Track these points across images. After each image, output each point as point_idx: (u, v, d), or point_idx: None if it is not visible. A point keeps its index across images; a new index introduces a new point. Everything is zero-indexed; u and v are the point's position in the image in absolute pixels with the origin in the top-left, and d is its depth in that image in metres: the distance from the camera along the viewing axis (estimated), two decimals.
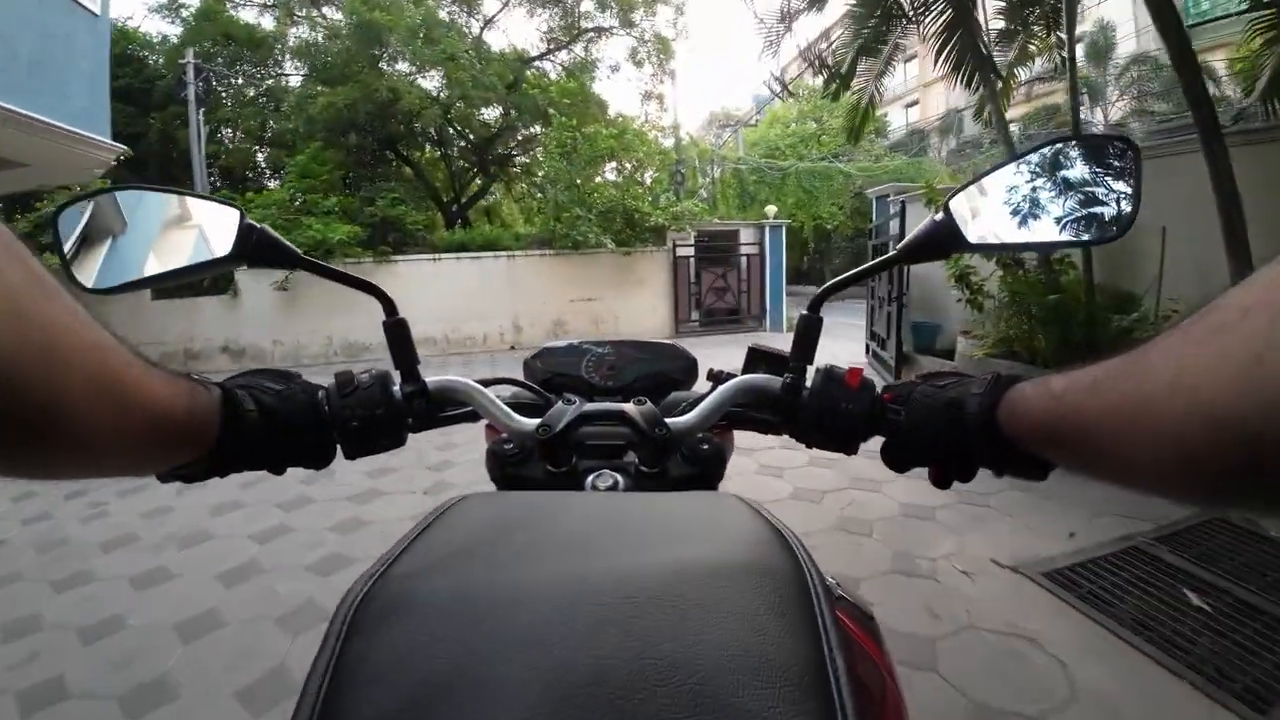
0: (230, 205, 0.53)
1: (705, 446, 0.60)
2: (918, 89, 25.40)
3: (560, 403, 0.60)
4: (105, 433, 0.32)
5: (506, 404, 0.61)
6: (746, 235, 11.48)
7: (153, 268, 0.51)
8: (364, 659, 0.29)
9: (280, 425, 0.49)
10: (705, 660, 0.28)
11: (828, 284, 0.57)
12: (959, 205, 0.52)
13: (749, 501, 0.44)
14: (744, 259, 11.15)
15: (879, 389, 0.54)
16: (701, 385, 0.67)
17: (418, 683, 0.28)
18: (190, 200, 0.53)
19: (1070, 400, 0.35)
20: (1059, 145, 0.52)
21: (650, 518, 0.43)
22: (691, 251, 10.83)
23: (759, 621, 0.30)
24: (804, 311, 0.58)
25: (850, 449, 0.55)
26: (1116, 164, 0.50)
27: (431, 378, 0.58)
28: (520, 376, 0.73)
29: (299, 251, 0.53)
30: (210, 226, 0.52)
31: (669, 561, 0.35)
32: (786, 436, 0.58)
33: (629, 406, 0.58)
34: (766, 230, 11.14)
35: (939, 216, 0.53)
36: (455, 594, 0.33)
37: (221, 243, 0.51)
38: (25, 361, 0.26)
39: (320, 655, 0.30)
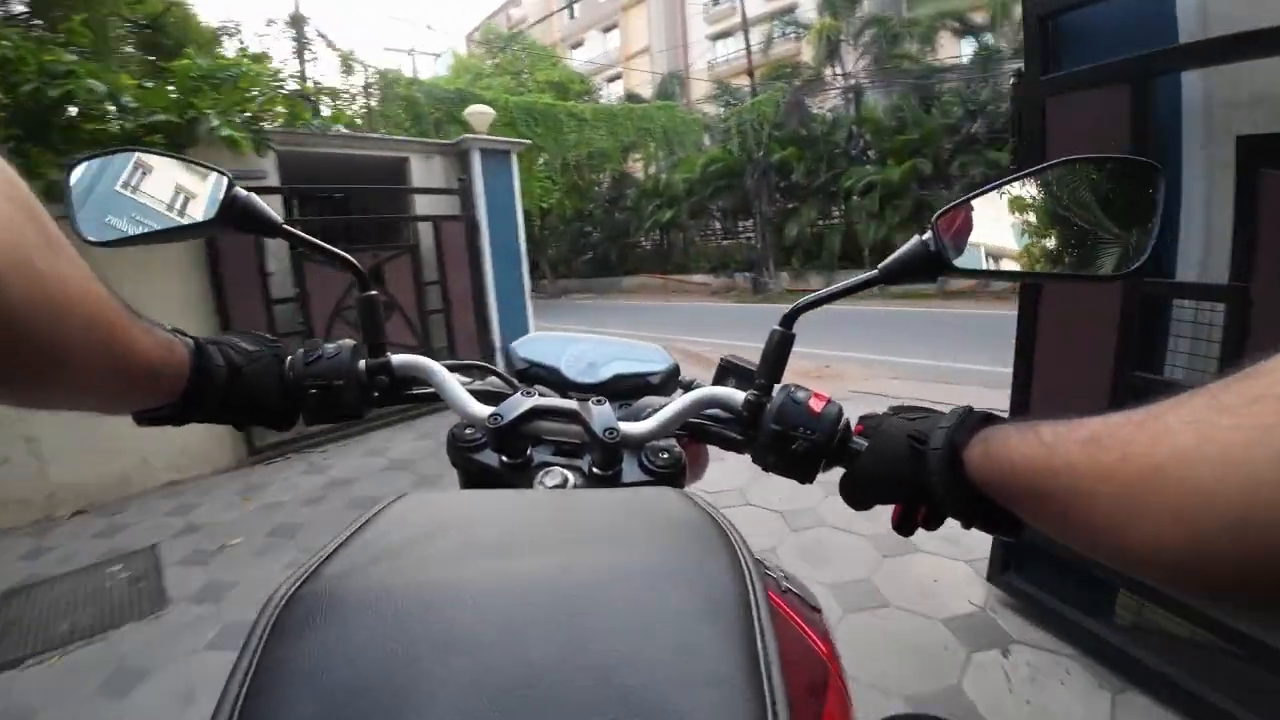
0: (219, 171, 0.54)
1: (665, 454, 0.58)
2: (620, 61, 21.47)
3: (520, 394, 0.59)
4: (94, 374, 0.36)
5: (474, 391, 0.62)
6: (425, 171, 5.39)
7: (143, 226, 0.52)
8: (284, 663, 0.29)
9: (245, 384, 0.52)
10: (638, 662, 0.28)
11: (805, 299, 0.54)
12: (947, 224, 0.49)
13: (693, 496, 0.43)
14: (426, 226, 4.97)
15: (847, 418, 0.53)
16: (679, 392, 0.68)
17: (338, 687, 0.28)
18: (185, 164, 0.55)
19: (1063, 452, 0.31)
20: (1068, 163, 0.47)
21: (590, 516, 0.42)
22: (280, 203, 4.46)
23: (693, 623, 0.30)
24: (776, 326, 0.55)
25: (805, 478, 0.53)
26: (1135, 188, 0.46)
27: (397, 356, 0.60)
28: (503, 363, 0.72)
29: (279, 221, 0.55)
30: (199, 191, 0.53)
31: (605, 561, 0.35)
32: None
33: (585, 406, 0.57)
34: (475, 160, 5.30)
35: (924, 237, 0.50)
36: (381, 594, 0.32)
37: (208, 207, 0.53)
38: (35, 311, 0.29)
39: (240, 659, 0.29)
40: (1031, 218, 0.48)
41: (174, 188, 0.54)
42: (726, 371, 0.64)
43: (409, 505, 0.44)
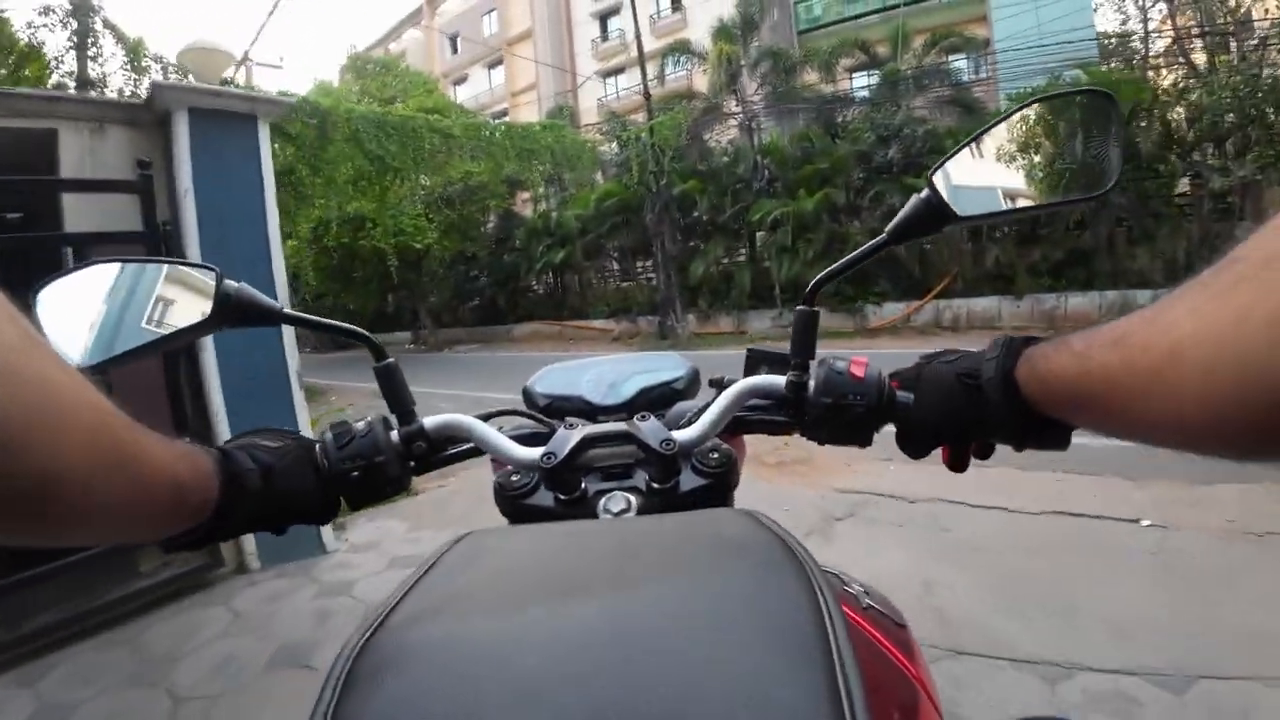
0: (205, 267, 0.53)
1: (715, 455, 0.58)
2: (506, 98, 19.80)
3: (562, 428, 0.58)
4: (108, 500, 0.32)
5: (509, 435, 0.62)
6: (90, 152, 2.80)
7: (136, 339, 0.51)
8: (357, 718, 0.29)
9: (279, 483, 0.49)
10: (710, 701, 0.27)
11: (824, 273, 0.56)
12: (942, 179, 0.52)
13: (760, 518, 0.43)
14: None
15: (885, 375, 0.54)
16: (704, 394, 0.67)
17: None
18: (167, 267, 0.53)
19: (1094, 356, 0.35)
20: (1033, 104, 0.52)
21: (652, 545, 0.42)
22: None
23: (766, 656, 0.29)
24: (800, 306, 0.57)
25: (864, 441, 0.55)
26: (1094, 116, 0.50)
27: (429, 418, 0.58)
28: (521, 404, 0.71)
29: (279, 308, 0.54)
30: (189, 290, 0.52)
31: (670, 595, 0.34)
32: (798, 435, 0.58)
33: (633, 424, 0.57)
34: (180, 130, 2.88)
35: (924, 193, 0.52)
36: (449, 644, 0.32)
37: (201, 306, 0.51)
38: (26, 423, 0.26)
39: (315, 713, 0.29)
40: (1015, 159, 0.53)
41: (158, 292, 0.52)
42: (756, 361, 0.63)
43: (472, 545, 0.44)
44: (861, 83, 15.88)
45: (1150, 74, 12.06)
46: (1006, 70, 13.38)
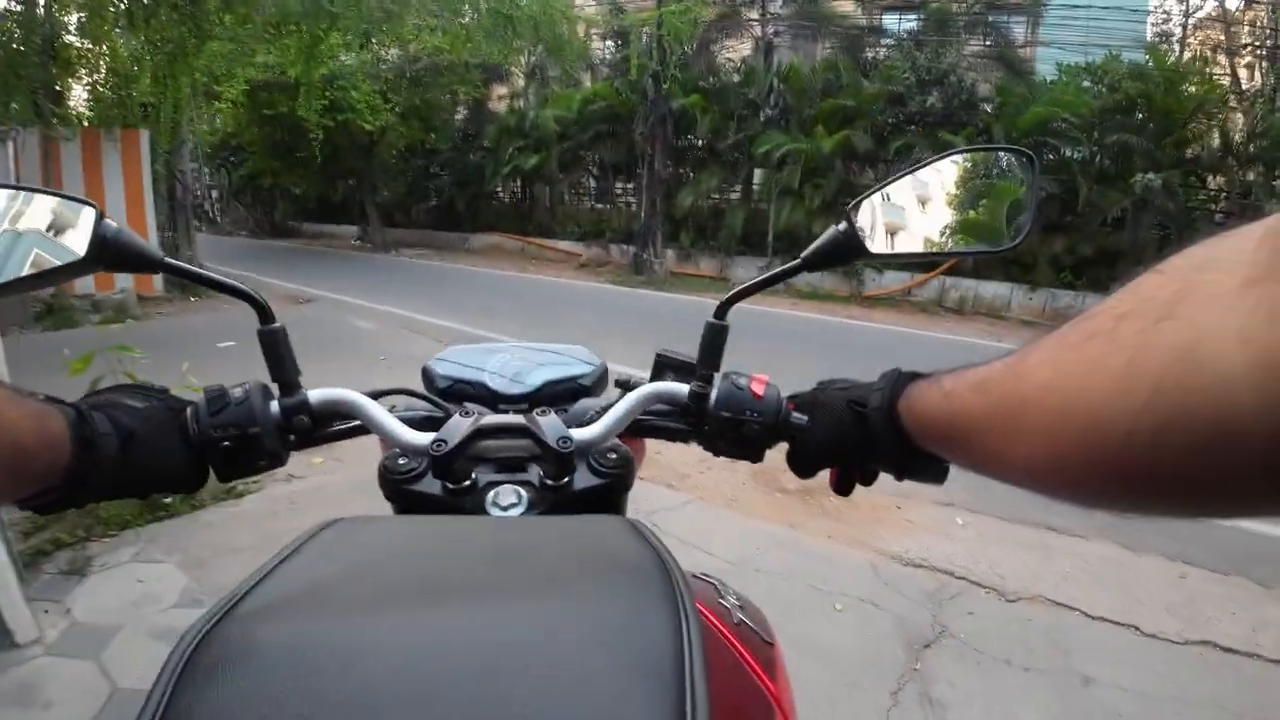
0: (84, 202, 0.48)
1: (613, 455, 0.59)
2: None
3: (457, 415, 0.56)
4: None
5: (400, 416, 0.59)
6: None
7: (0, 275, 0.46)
8: (189, 712, 0.28)
9: (140, 448, 0.46)
10: None
11: (737, 289, 0.57)
12: (861, 214, 0.53)
13: (640, 527, 0.43)
14: None
15: (782, 396, 0.55)
16: (610, 392, 0.68)
17: None
18: (38, 197, 0.48)
19: (957, 398, 0.38)
20: (958, 154, 0.55)
21: (528, 554, 0.41)
22: None
23: (621, 684, 0.29)
24: (710, 319, 0.58)
25: (756, 457, 0.56)
26: (1014, 173, 0.53)
27: (315, 391, 0.54)
28: (420, 384, 0.68)
29: (161, 255, 0.50)
30: (61, 227, 0.47)
31: (537, 611, 0.34)
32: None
33: (531, 418, 0.55)
34: None
35: (841, 226, 0.53)
36: (292, 644, 0.31)
37: (75, 245, 0.47)
38: None
39: (149, 700, 0.28)
40: (933, 204, 0.54)
41: (24, 225, 0.47)
42: (663, 366, 0.62)
43: (341, 533, 0.42)
44: (897, 22, 14.02)
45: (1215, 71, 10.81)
46: (1058, 32, 11.87)
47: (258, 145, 17.06)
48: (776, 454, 0.58)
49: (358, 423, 0.57)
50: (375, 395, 0.58)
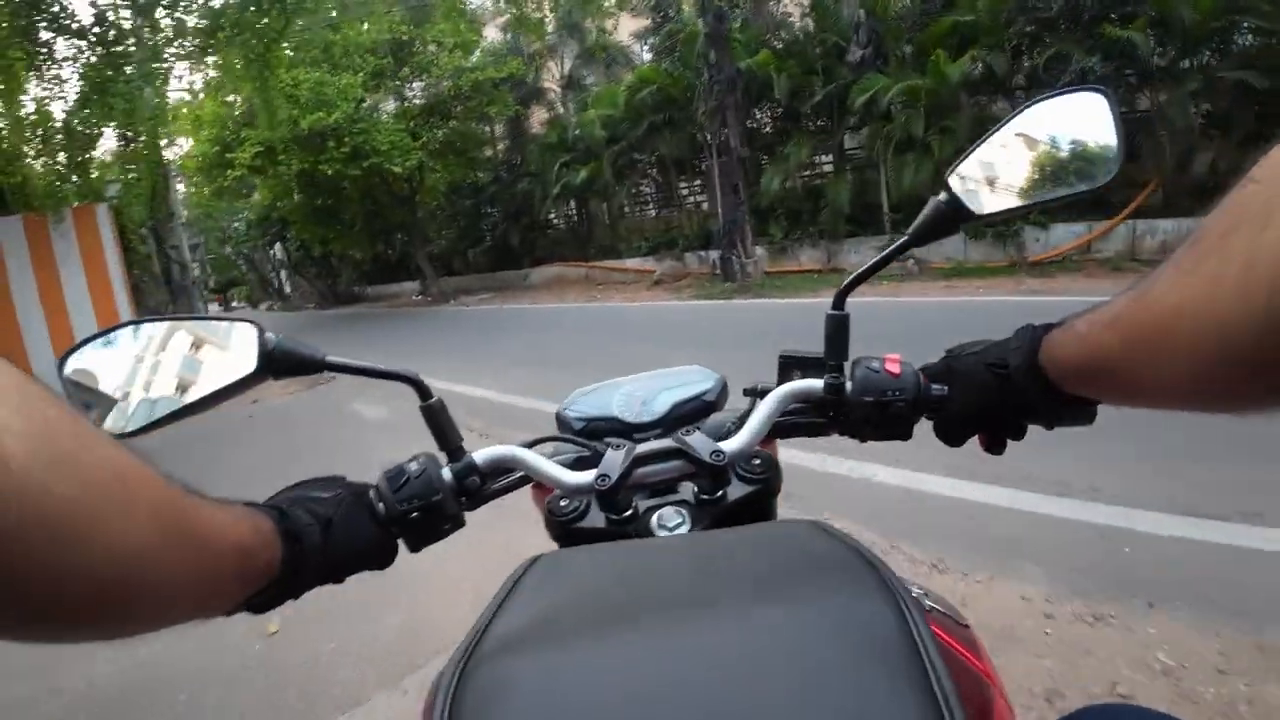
0: (246, 322, 0.52)
1: (758, 461, 0.60)
2: None
3: (609, 450, 0.58)
4: (179, 575, 0.31)
5: (556, 461, 0.61)
6: None
7: (179, 399, 0.50)
8: None
9: (338, 534, 0.48)
10: None
11: (851, 278, 0.57)
12: (957, 181, 0.54)
13: (826, 527, 0.43)
14: None
15: (918, 370, 0.55)
16: (734, 402, 0.69)
17: None
18: (203, 323, 0.53)
19: (1094, 338, 0.39)
20: (1036, 104, 0.54)
21: (728, 561, 0.42)
22: None
23: (864, 672, 0.29)
24: (829, 311, 0.58)
25: (905, 435, 0.55)
26: (1094, 110, 0.52)
27: (479, 452, 0.57)
28: (555, 431, 0.71)
29: (322, 356, 0.53)
30: (229, 346, 0.52)
31: (757, 615, 0.34)
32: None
33: (680, 439, 0.57)
34: None
35: (941, 197, 0.54)
36: (542, 674, 0.33)
37: (244, 360, 0.51)
38: (93, 511, 0.25)
39: None
40: (1023, 156, 0.54)
41: (196, 350, 0.51)
42: (790, 365, 0.61)
43: (548, 567, 0.45)
44: None
45: None
46: None
47: (298, 213, 16.21)
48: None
49: (521, 474, 0.59)
50: (529, 445, 0.60)
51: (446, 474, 0.53)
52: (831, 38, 9.73)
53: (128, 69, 5.74)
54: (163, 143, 8.09)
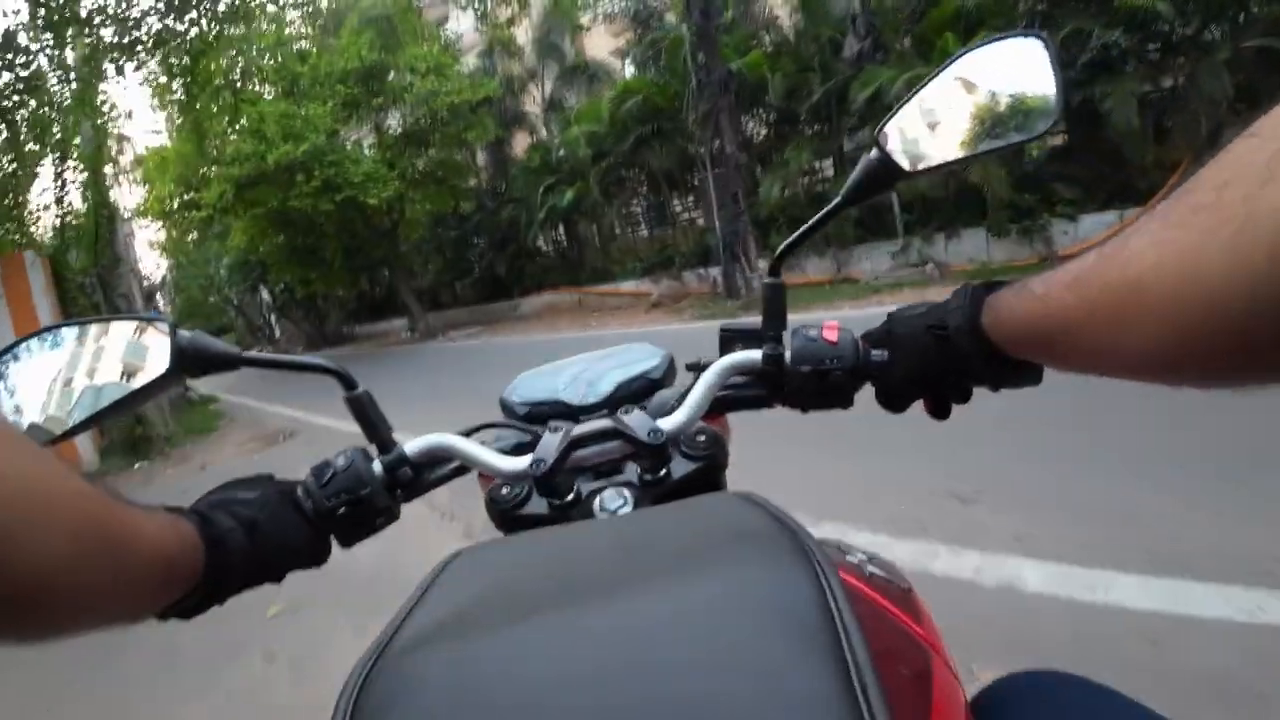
0: (157, 320, 0.50)
1: (702, 438, 0.59)
2: None
3: (546, 433, 0.56)
4: (102, 585, 0.31)
5: (493, 447, 0.59)
6: None
7: (96, 403, 0.48)
8: None
9: (265, 535, 0.47)
10: (723, 695, 0.27)
11: (787, 241, 0.57)
12: (888, 136, 0.53)
13: (754, 498, 0.43)
14: None
15: (857, 337, 0.55)
16: (682, 379, 0.67)
17: None
18: (116, 324, 0.51)
19: (1054, 299, 0.35)
20: (969, 53, 0.52)
21: (653, 540, 0.42)
22: None
23: (775, 644, 0.29)
24: (766, 279, 0.58)
25: (846, 403, 0.55)
26: (1031, 58, 0.51)
27: (410, 443, 0.55)
28: (499, 416, 0.68)
29: (238, 351, 0.52)
30: (142, 346, 0.50)
31: (675, 591, 0.34)
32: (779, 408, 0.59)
33: (617, 419, 0.55)
34: None
35: (872, 153, 0.53)
36: (452, 666, 0.32)
37: (158, 360, 0.49)
38: (7, 526, 0.25)
39: None
40: (958, 107, 0.52)
41: (111, 352, 0.50)
42: (730, 339, 0.61)
43: (467, 562, 0.44)
44: None
45: None
46: None
47: (276, 254, 15.53)
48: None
49: (457, 463, 0.58)
50: (466, 434, 0.58)
51: (376, 467, 0.53)
52: (826, 32, 9.13)
53: (44, 96, 5.12)
54: (107, 182, 7.36)
